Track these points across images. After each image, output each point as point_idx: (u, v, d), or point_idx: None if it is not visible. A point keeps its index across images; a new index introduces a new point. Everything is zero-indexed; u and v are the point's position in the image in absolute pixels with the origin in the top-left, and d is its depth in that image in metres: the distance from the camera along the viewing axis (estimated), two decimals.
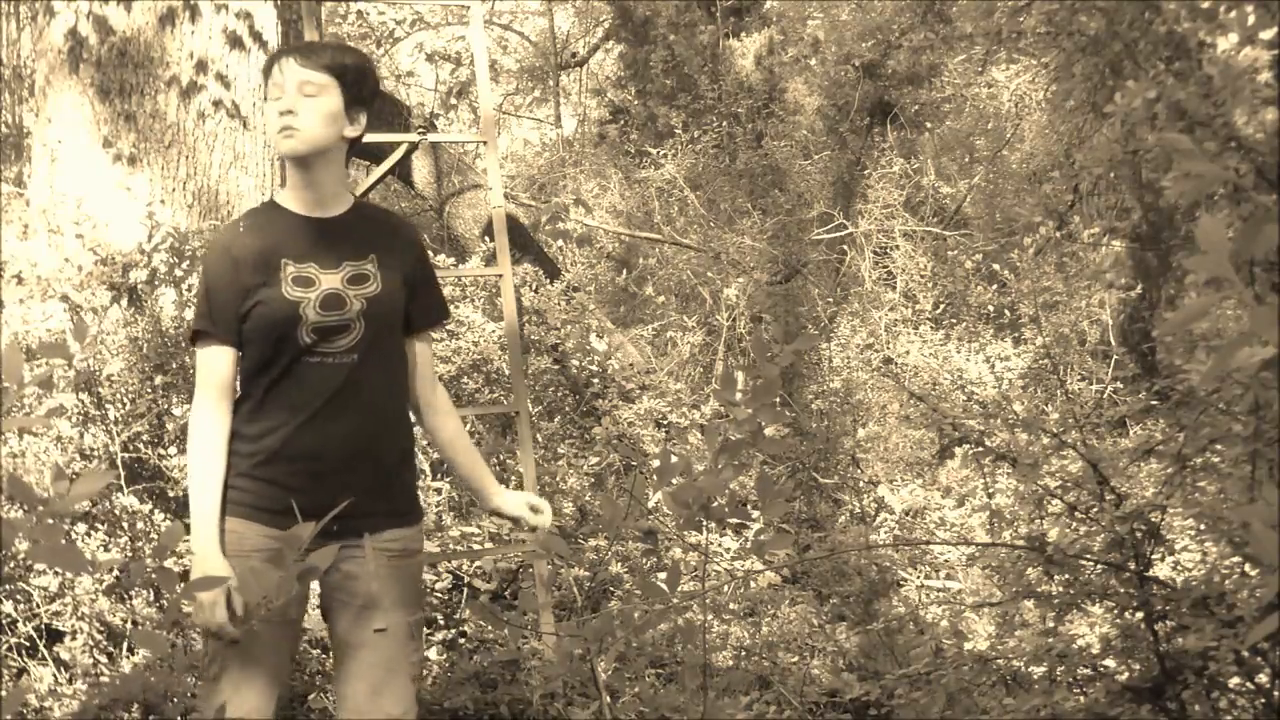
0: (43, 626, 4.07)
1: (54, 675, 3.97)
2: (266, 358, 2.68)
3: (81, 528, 4.17)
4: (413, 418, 2.90)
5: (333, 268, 2.72)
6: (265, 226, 2.76)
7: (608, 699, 2.64)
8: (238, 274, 2.69)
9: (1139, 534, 2.97)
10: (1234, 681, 2.81)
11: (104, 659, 4.05)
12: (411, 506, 2.83)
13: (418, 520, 2.84)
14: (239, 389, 2.74)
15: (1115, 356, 7.95)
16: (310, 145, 2.71)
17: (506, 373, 5.35)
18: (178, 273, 4.74)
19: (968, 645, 4.31)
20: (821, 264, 10.94)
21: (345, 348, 2.68)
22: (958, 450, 7.06)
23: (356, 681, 2.71)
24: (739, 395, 2.38)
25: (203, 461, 2.68)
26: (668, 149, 11.89)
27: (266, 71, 2.76)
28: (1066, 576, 3.08)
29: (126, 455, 4.39)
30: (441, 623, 4.81)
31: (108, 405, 4.42)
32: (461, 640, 4.64)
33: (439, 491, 5.13)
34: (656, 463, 6.00)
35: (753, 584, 5.15)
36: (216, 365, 2.70)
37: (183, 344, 4.53)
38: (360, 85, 2.78)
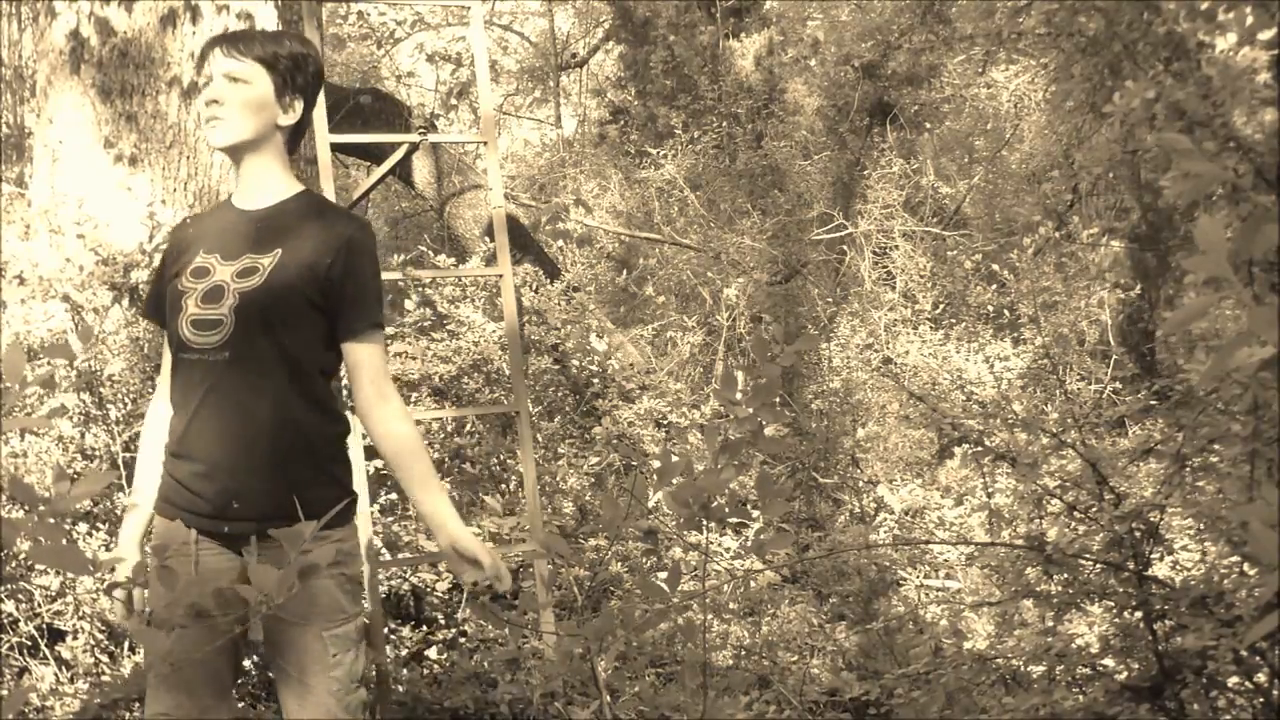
0: (44, 626, 4.07)
1: (55, 674, 3.98)
2: (171, 351, 2.65)
3: (83, 528, 4.18)
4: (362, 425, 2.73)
5: (232, 259, 2.60)
6: (205, 219, 2.73)
7: (608, 698, 2.65)
8: (165, 264, 2.70)
9: (1138, 533, 2.97)
10: (1232, 680, 2.82)
11: (105, 658, 4.06)
12: (317, 512, 2.42)
13: (335, 524, 2.53)
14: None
15: (1114, 356, 7.96)
16: (235, 136, 2.62)
17: (507, 373, 5.35)
18: None
19: (967, 644, 4.32)
20: (821, 264, 10.94)
21: (216, 344, 2.55)
22: (957, 450, 7.06)
23: (285, 698, 2.60)
24: (739, 395, 2.38)
25: (145, 443, 2.70)
26: (668, 149, 11.90)
27: (199, 62, 2.68)
28: (1065, 576, 3.09)
29: (128, 455, 4.40)
30: (442, 623, 4.82)
31: (109, 405, 4.43)
32: (462, 640, 4.65)
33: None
34: (657, 463, 6.01)
35: (753, 584, 5.15)
36: (166, 352, 2.71)
37: None
38: (295, 72, 2.66)
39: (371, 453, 4.90)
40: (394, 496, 5.07)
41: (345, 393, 3.89)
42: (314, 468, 2.61)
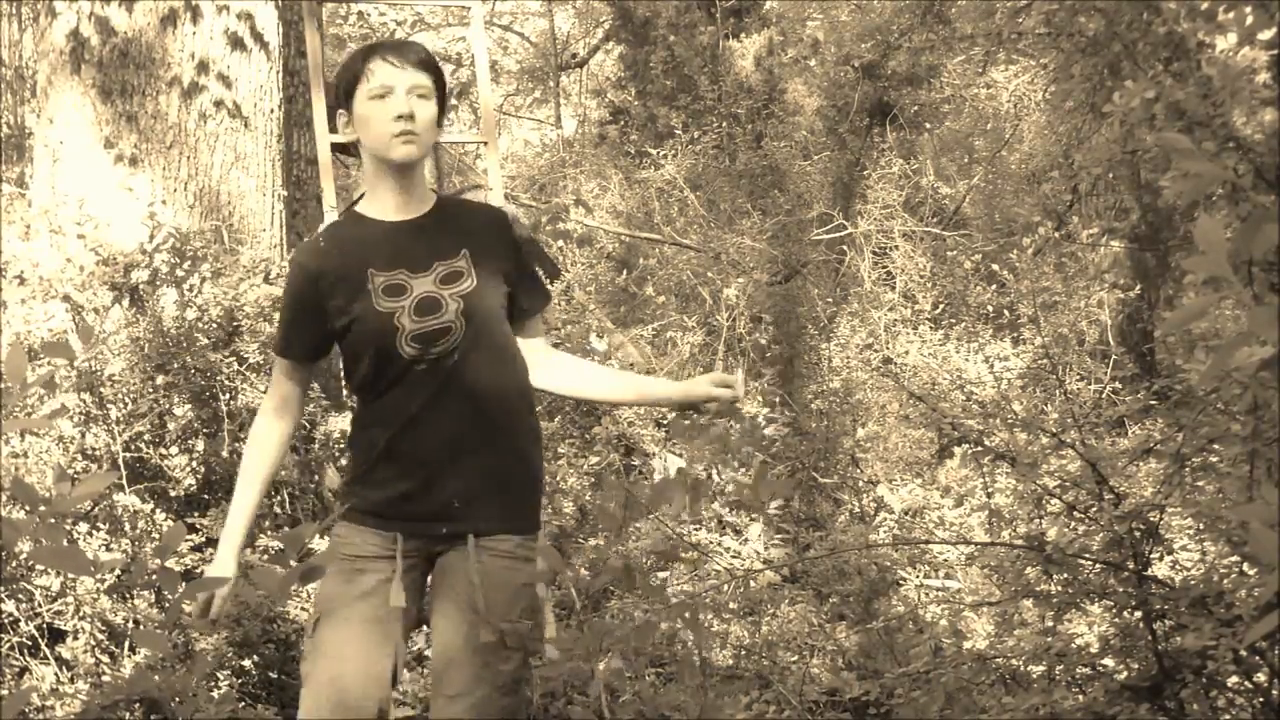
0: (44, 626, 4.07)
1: (56, 675, 3.98)
2: (371, 370, 2.64)
3: (83, 528, 4.18)
4: (551, 394, 2.86)
5: (424, 270, 2.65)
6: (348, 239, 2.69)
7: (607, 698, 2.65)
8: (319, 294, 2.64)
9: (1138, 533, 2.98)
10: (1232, 680, 2.82)
11: (106, 659, 4.06)
12: (525, 514, 2.72)
13: (533, 529, 2.73)
14: (352, 401, 2.77)
15: (1114, 356, 7.96)
16: (425, 150, 2.67)
17: None
18: (179, 273, 4.75)
19: (967, 644, 4.32)
20: (821, 264, 10.94)
21: (447, 350, 2.61)
22: (957, 450, 7.06)
23: (443, 678, 2.65)
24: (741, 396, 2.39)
25: (246, 465, 2.71)
26: (668, 149, 11.90)
27: (359, 68, 2.66)
28: (1065, 576, 3.09)
29: (128, 455, 4.40)
30: None
31: (109, 405, 4.43)
32: None
33: None
34: (657, 463, 6.01)
35: (752, 583, 5.15)
36: (280, 379, 2.73)
37: (184, 344, 4.54)
38: (445, 89, 2.76)
39: None
40: None
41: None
42: (531, 467, 2.75)
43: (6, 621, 4.06)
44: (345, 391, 2.82)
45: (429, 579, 2.73)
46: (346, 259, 2.65)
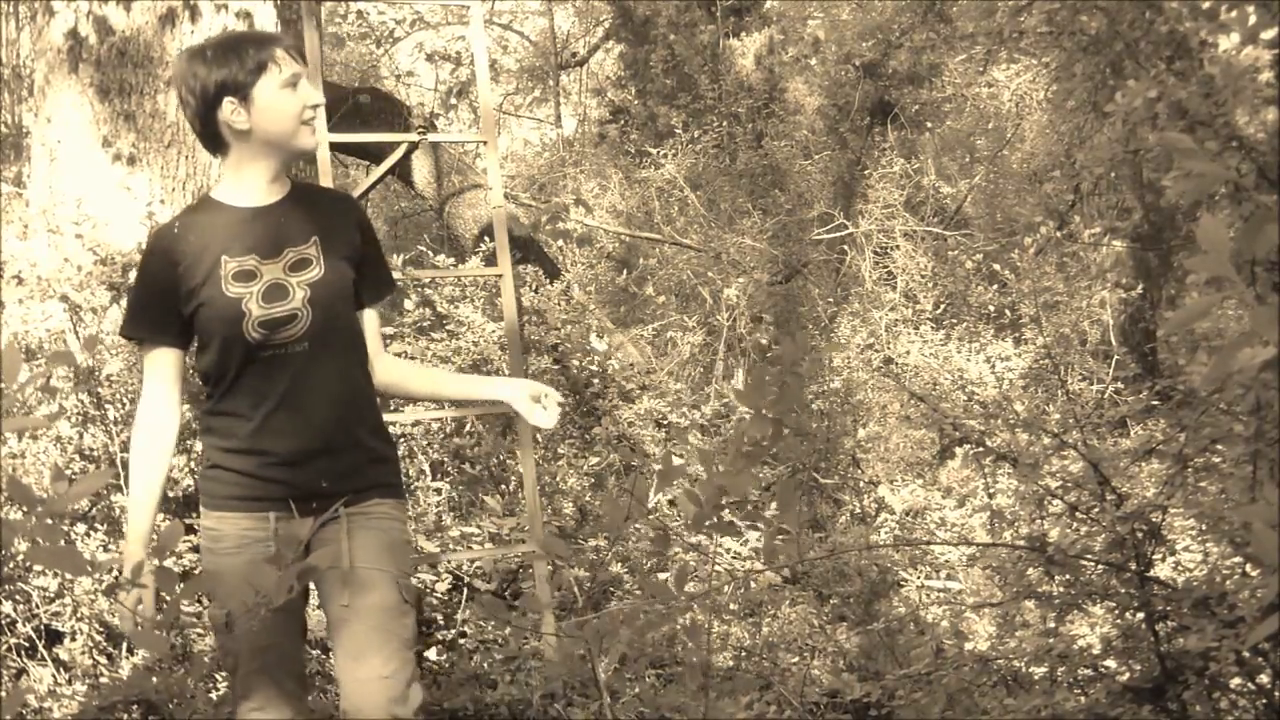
0: (42, 627, 4.06)
1: (53, 676, 3.97)
2: (221, 356, 2.65)
3: (81, 528, 4.17)
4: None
5: (274, 257, 2.66)
6: (203, 224, 2.69)
7: (608, 699, 2.64)
8: (175, 277, 2.64)
9: (1140, 534, 2.97)
10: (1235, 682, 2.81)
11: (103, 660, 4.05)
12: (389, 479, 2.77)
13: (399, 493, 2.78)
14: (204, 385, 2.73)
15: (1116, 356, 7.94)
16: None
17: (507, 373, 5.34)
18: None
19: (968, 646, 4.31)
20: (821, 264, 10.93)
21: (295, 336, 2.63)
22: (958, 450, 7.05)
23: (346, 647, 2.65)
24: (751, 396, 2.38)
25: (136, 458, 2.70)
26: (668, 149, 11.89)
27: (264, 57, 2.65)
28: (1067, 577, 3.08)
29: (126, 455, 4.39)
30: (441, 623, 4.81)
31: (107, 405, 4.42)
32: (461, 640, 4.64)
33: (439, 491, 5.13)
34: (658, 464, 5.99)
35: (753, 584, 5.14)
36: (156, 366, 2.70)
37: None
38: None
39: None
40: None
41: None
42: (384, 438, 2.80)
43: (4, 623, 4.05)
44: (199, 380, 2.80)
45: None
46: (200, 244, 2.66)
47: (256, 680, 2.64)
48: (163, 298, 2.66)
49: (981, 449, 3.36)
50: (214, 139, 2.71)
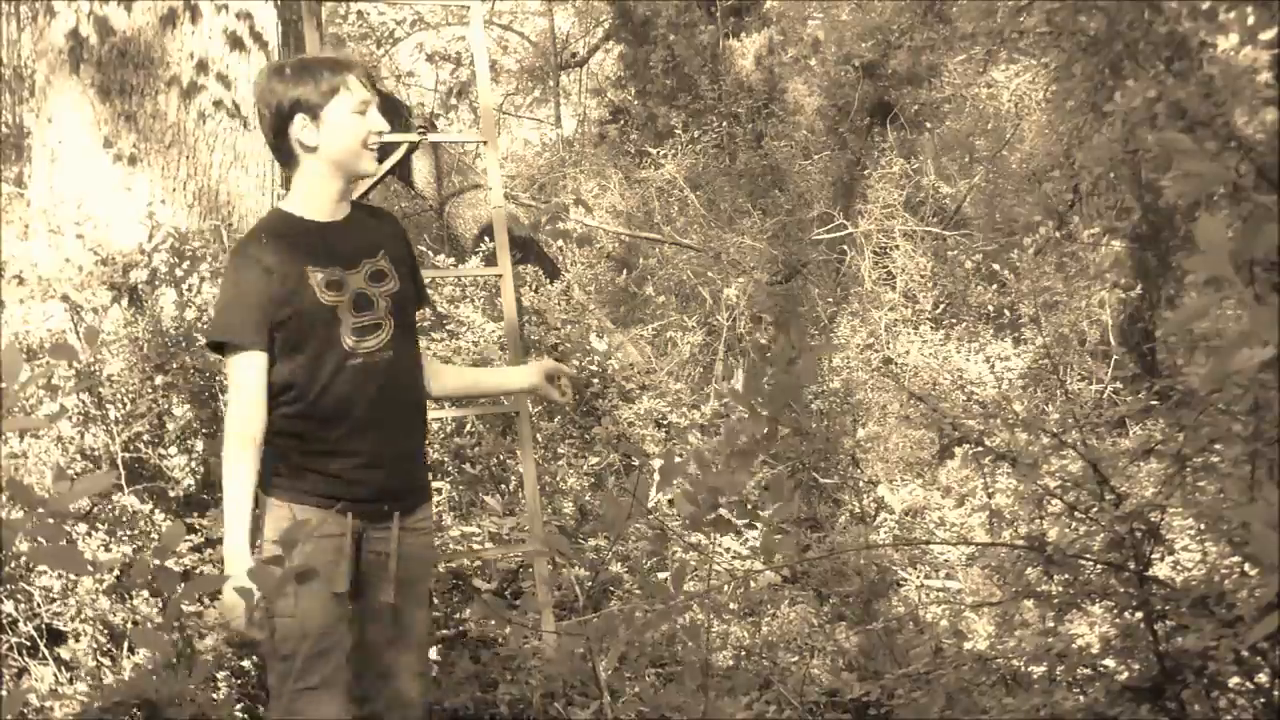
0: (43, 626, 4.06)
1: (55, 675, 3.97)
2: (312, 363, 2.77)
3: (82, 528, 4.17)
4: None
5: (354, 268, 2.84)
6: (283, 235, 2.83)
7: (608, 698, 2.65)
8: (269, 284, 2.76)
9: (1139, 534, 2.97)
10: (1233, 681, 2.81)
11: (105, 660, 4.05)
12: (428, 481, 3.05)
13: (431, 494, 3.06)
14: (291, 390, 2.80)
15: (1115, 356, 7.94)
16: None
17: None
18: (178, 273, 4.74)
19: (967, 645, 4.31)
20: (821, 264, 10.93)
21: (379, 346, 2.81)
22: (958, 450, 7.05)
23: (390, 637, 2.84)
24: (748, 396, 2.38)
25: (240, 464, 2.76)
26: (668, 149, 11.89)
27: (337, 81, 2.82)
28: (1066, 576, 3.08)
29: (127, 455, 4.40)
30: (441, 623, 4.81)
31: (108, 405, 4.42)
32: (461, 640, 4.65)
33: (439, 491, 5.13)
34: (658, 463, 6.00)
35: (753, 584, 5.14)
36: (249, 371, 2.78)
37: (183, 344, 4.53)
38: None
39: None
40: None
41: None
42: (426, 444, 3.06)
43: (6, 622, 4.05)
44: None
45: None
46: (285, 254, 2.79)
47: (316, 661, 2.75)
48: (257, 304, 2.77)
49: (981, 449, 3.37)
50: (285, 153, 2.87)
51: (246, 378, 2.77)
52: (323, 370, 2.77)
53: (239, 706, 3.95)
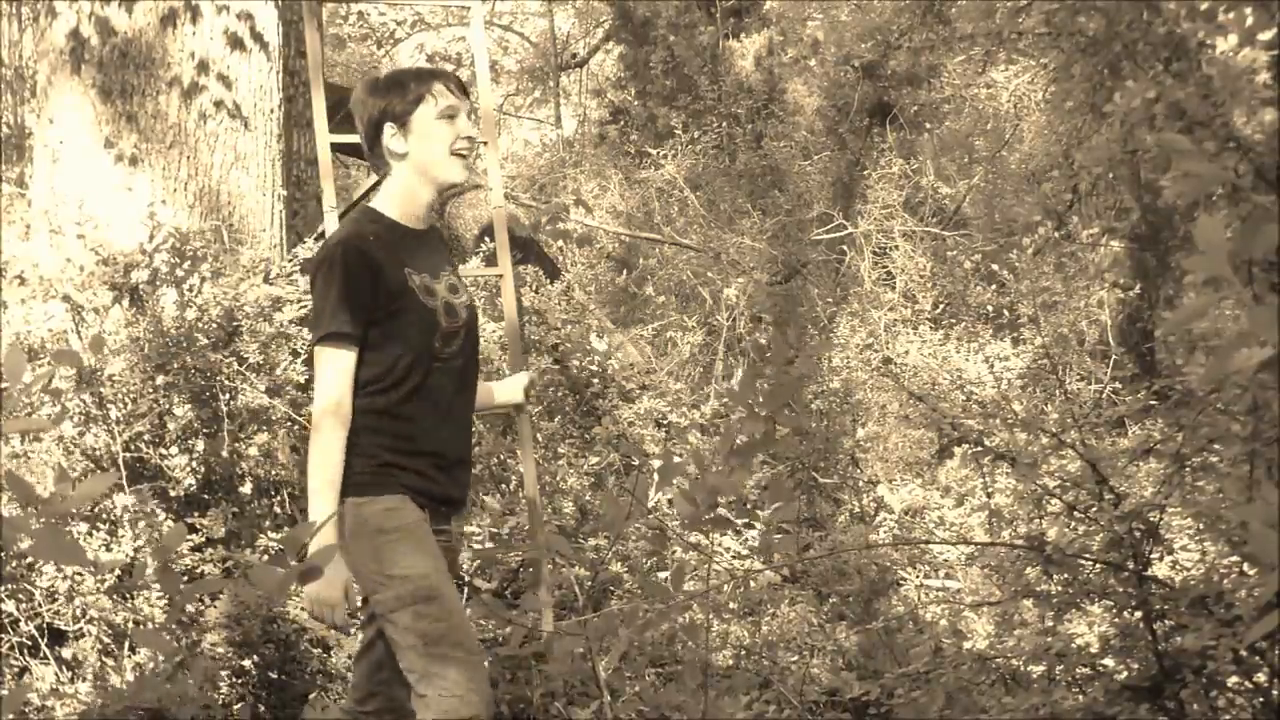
0: (45, 626, 4.07)
1: (56, 674, 3.98)
2: (408, 363, 2.83)
3: (83, 527, 4.17)
4: None
5: (438, 277, 2.93)
6: (385, 236, 2.90)
7: (608, 698, 2.65)
8: (375, 283, 2.81)
9: (1138, 533, 2.97)
10: (1232, 680, 2.82)
11: (108, 659, 4.05)
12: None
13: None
14: (380, 384, 2.85)
15: (1114, 356, 7.95)
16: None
17: (507, 372, 5.35)
18: (179, 273, 4.74)
19: (967, 644, 4.32)
20: (821, 264, 10.94)
21: (455, 353, 2.90)
22: (957, 450, 7.05)
23: None
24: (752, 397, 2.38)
25: (332, 463, 2.79)
26: (668, 149, 11.90)
27: (422, 90, 2.89)
28: (1065, 576, 3.09)
29: (128, 455, 4.40)
30: None
31: (109, 405, 4.43)
32: None
33: None
34: (658, 463, 6.00)
35: (752, 583, 5.15)
36: (345, 367, 2.83)
37: (184, 344, 4.53)
38: None
39: None
40: None
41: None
42: None
43: (7, 621, 4.05)
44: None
45: None
46: (388, 254, 2.86)
47: (459, 628, 2.81)
48: (367, 302, 2.82)
49: (980, 448, 3.37)
50: (379, 162, 2.95)
51: (339, 373, 2.82)
52: (417, 369, 2.84)
53: (239, 706, 3.95)
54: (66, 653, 4.00)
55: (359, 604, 2.85)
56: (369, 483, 2.81)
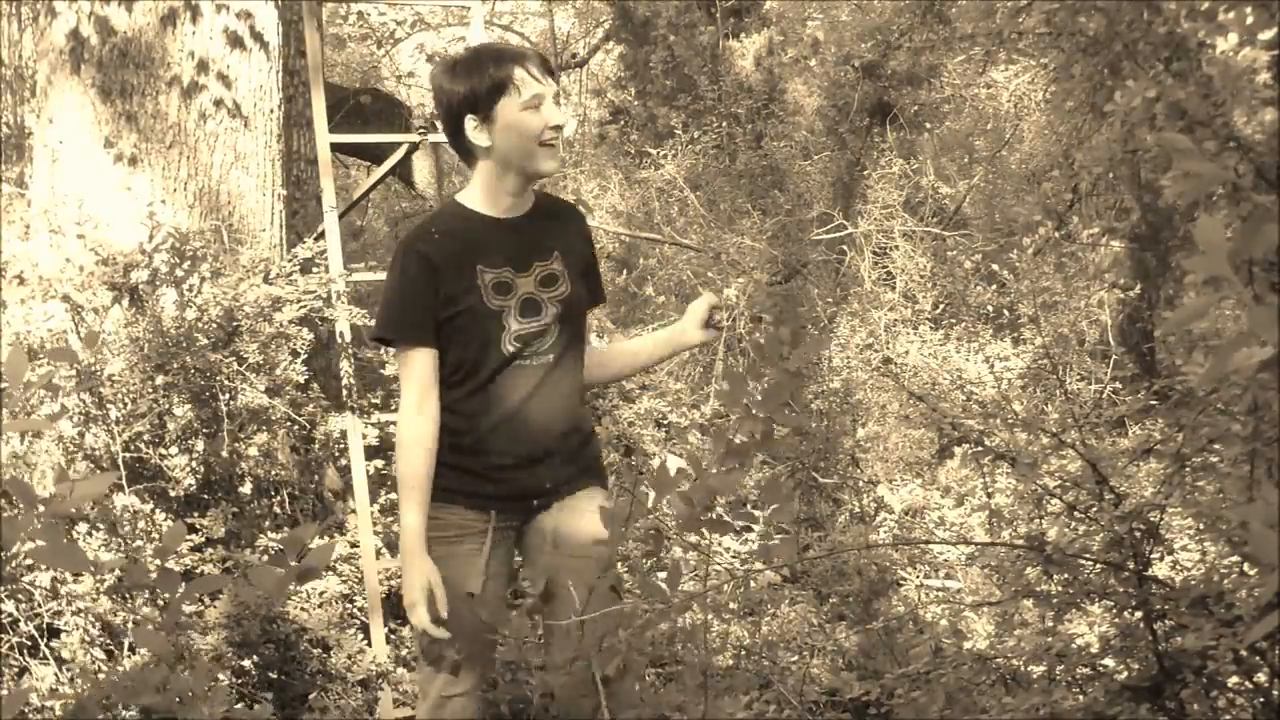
0: (44, 626, 4.07)
1: (55, 674, 3.98)
2: (471, 361, 2.75)
3: (83, 527, 4.17)
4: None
5: (525, 270, 2.77)
6: (457, 230, 2.78)
7: (605, 700, 2.64)
8: (437, 280, 2.72)
9: (1138, 533, 2.97)
10: (1232, 680, 2.81)
11: (104, 658, 4.05)
12: (599, 467, 2.94)
13: (606, 481, 2.95)
14: (448, 381, 2.81)
15: (1114, 356, 7.95)
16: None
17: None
18: (179, 273, 4.74)
19: (967, 644, 4.32)
20: (821, 264, 10.93)
21: (541, 350, 2.76)
22: (957, 450, 7.06)
23: (557, 614, 2.80)
24: (747, 398, 2.37)
25: (413, 463, 2.75)
26: (668, 149, 11.89)
27: (502, 77, 2.69)
28: (1065, 576, 3.09)
29: (128, 455, 4.40)
30: None
31: (109, 405, 4.43)
32: None
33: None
34: (657, 461, 6.00)
35: (752, 583, 5.15)
36: (418, 367, 2.76)
37: (184, 344, 4.53)
38: None
39: (371, 453, 4.90)
40: (393, 496, 5.07)
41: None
42: (593, 432, 2.99)
43: (6, 622, 4.05)
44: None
45: (517, 546, 2.93)
46: (456, 250, 2.75)
47: (465, 664, 2.76)
48: (424, 303, 2.74)
49: (980, 448, 3.37)
50: (463, 151, 2.80)
51: (419, 371, 2.76)
52: (482, 370, 2.75)
53: (238, 706, 3.95)
54: (66, 653, 4.00)
55: (443, 610, 2.75)
56: (434, 487, 2.80)
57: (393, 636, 4.63)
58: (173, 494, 4.45)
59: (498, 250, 2.76)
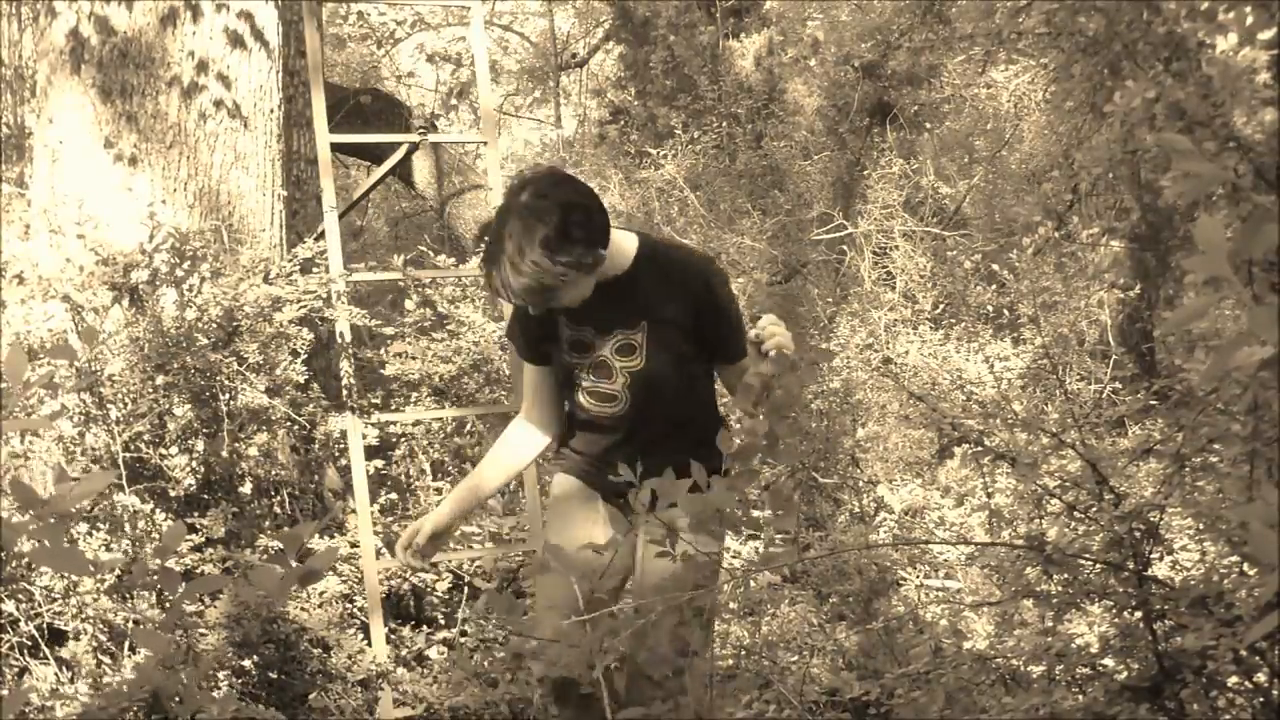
0: (45, 626, 4.07)
1: (56, 675, 3.98)
2: (565, 397, 2.98)
3: (83, 527, 4.17)
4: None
5: (605, 334, 2.82)
6: None
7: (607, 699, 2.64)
8: (528, 322, 2.87)
9: (1138, 533, 2.97)
10: (1232, 680, 2.81)
11: (106, 659, 4.05)
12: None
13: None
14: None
15: (1114, 356, 7.95)
16: (585, 292, 2.76)
17: (506, 373, 5.35)
18: (179, 273, 4.75)
19: (967, 644, 4.32)
20: (821, 264, 10.93)
21: (616, 413, 2.85)
22: (957, 450, 7.06)
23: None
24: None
25: (480, 464, 3.04)
26: (668, 149, 11.90)
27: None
28: (1065, 576, 3.09)
29: (128, 455, 4.40)
30: (442, 623, 4.82)
31: (109, 405, 4.43)
32: (462, 640, 4.65)
33: (439, 491, 5.14)
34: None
35: (752, 583, 5.15)
36: (530, 377, 2.99)
37: (184, 344, 4.54)
38: (599, 240, 2.71)
39: (371, 453, 4.90)
40: (394, 496, 5.07)
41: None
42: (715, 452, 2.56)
43: (7, 622, 4.05)
44: None
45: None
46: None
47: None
48: (521, 332, 2.94)
49: (980, 448, 3.37)
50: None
51: (528, 380, 2.99)
52: (567, 403, 2.98)
53: (240, 706, 3.95)
54: (66, 653, 4.00)
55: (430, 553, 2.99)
56: (554, 463, 3.03)
57: (393, 636, 4.63)
58: (173, 494, 4.45)
59: (583, 310, 2.79)
